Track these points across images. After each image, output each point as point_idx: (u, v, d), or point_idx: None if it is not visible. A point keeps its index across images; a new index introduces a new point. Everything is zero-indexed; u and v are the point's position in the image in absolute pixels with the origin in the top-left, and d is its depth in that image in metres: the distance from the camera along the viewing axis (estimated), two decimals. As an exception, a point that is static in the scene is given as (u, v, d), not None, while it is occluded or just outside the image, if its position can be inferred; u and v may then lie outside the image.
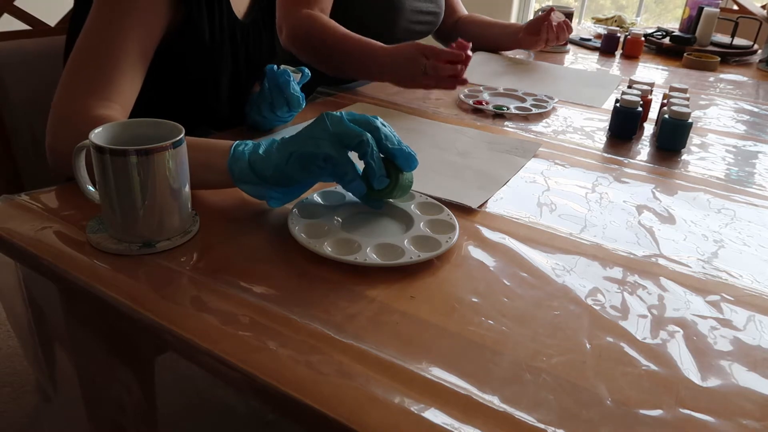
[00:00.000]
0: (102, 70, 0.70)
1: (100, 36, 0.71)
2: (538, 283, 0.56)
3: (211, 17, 0.82)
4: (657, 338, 0.50)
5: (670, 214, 0.72)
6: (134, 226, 0.56)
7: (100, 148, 0.53)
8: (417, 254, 0.57)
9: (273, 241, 0.60)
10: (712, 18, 1.66)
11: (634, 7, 2.93)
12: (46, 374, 0.76)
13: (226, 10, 0.84)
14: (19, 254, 0.57)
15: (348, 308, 0.51)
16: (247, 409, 1.12)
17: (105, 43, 0.71)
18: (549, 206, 0.72)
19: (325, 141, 0.58)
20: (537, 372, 0.45)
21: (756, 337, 0.51)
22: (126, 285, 0.52)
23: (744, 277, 0.60)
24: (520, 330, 0.50)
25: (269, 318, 0.49)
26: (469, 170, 0.80)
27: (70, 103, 0.68)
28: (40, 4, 1.22)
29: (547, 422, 0.40)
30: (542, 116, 1.06)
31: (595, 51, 1.67)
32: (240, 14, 0.88)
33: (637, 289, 0.56)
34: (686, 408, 0.43)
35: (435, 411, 0.41)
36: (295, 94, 0.81)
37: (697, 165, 0.89)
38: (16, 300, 0.74)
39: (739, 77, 1.49)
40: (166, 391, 0.75)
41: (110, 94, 0.69)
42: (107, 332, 0.63)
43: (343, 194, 0.67)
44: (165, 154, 0.54)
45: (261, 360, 0.44)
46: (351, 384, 0.42)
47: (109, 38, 0.71)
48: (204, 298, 0.51)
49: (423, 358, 0.45)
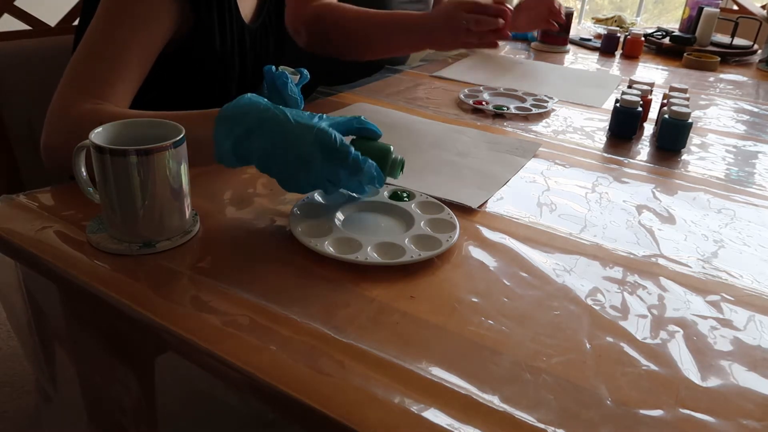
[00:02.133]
0: (99, 71, 0.70)
1: (102, 38, 0.71)
2: (538, 283, 0.56)
3: (221, 23, 0.82)
4: (657, 338, 0.50)
5: (670, 214, 0.72)
6: (134, 226, 0.56)
7: (100, 148, 0.53)
8: (417, 253, 0.57)
9: (273, 240, 0.60)
10: (712, 18, 1.66)
11: (634, 8, 2.93)
12: (46, 374, 0.76)
13: (235, 15, 0.84)
14: (19, 254, 0.57)
15: (348, 308, 0.51)
16: (247, 409, 1.12)
17: (105, 46, 0.71)
18: (549, 206, 0.72)
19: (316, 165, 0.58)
20: (537, 372, 0.45)
21: (756, 337, 0.51)
22: (126, 285, 0.52)
23: (744, 277, 0.60)
24: (520, 330, 0.50)
25: (269, 318, 0.49)
26: (469, 170, 0.80)
27: (63, 101, 0.69)
28: (40, 4, 1.22)
29: (546, 422, 0.40)
30: (542, 116, 1.06)
31: (595, 51, 1.67)
32: (247, 19, 0.89)
33: (637, 289, 0.56)
34: (686, 408, 0.43)
35: (435, 411, 0.41)
36: (293, 95, 0.81)
37: (697, 165, 0.89)
38: (16, 300, 0.74)
39: (739, 77, 1.49)
40: (166, 391, 0.75)
41: (104, 93, 0.70)
42: (107, 332, 0.62)
43: (344, 194, 0.68)
44: (165, 154, 0.54)
45: (261, 360, 0.44)
46: (351, 384, 0.42)
47: (109, 41, 0.71)
48: (204, 298, 0.51)
49: (423, 358, 0.45)
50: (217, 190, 0.70)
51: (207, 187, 0.70)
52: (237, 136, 0.59)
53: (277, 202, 0.68)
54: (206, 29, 0.79)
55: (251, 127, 0.58)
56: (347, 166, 0.59)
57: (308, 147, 0.58)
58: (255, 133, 0.58)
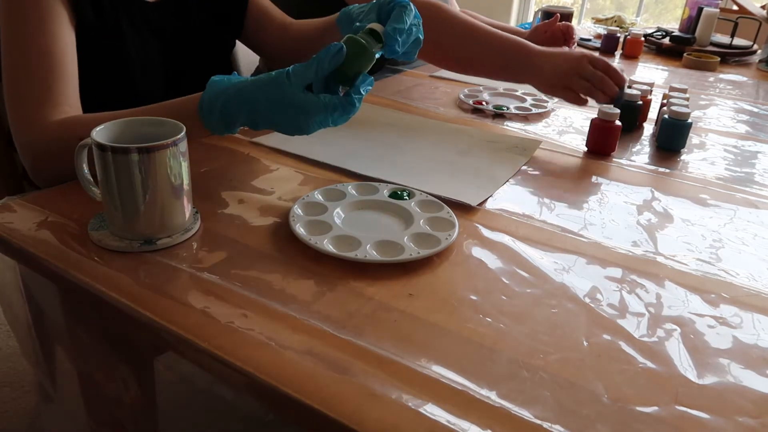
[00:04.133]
0: (39, 81, 0.71)
1: (20, 48, 0.72)
2: (537, 281, 0.57)
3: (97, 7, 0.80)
4: (654, 336, 0.50)
5: (669, 213, 0.73)
6: (135, 223, 0.57)
7: (101, 146, 0.54)
8: (417, 251, 0.57)
9: (273, 238, 0.60)
10: (711, 18, 1.66)
11: (634, 7, 2.93)
12: (46, 374, 0.76)
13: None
14: (19, 254, 0.58)
15: (347, 305, 0.51)
16: (246, 408, 1.12)
17: (28, 57, 0.71)
18: (548, 205, 0.72)
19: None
20: (534, 369, 0.45)
21: (753, 335, 0.51)
22: (126, 282, 0.52)
23: (742, 276, 0.60)
24: (518, 328, 0.50)
25: (269, 316, 0.49)
26: (468, 169, 0.80)
27: (25, 125, 0.71)
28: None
29: (543, 418, 0.41)
30: (542, 116, 1.07)
31: (595, 51, 1.67)
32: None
33: (635, 288, 0.57)
34: (683, 405, 0.43)
35: (433, 407, 0.41)
36: None
37: (697, 165, 0.89)
38: (16, 300, 0.74)
39: (739, 77, 1.49)
40: (166, 390, 0.76)
41: (57, 97, 0.71)
42: (107, 331, 0.63)
43: (344, 192, 0.68)
44: (166, 152, 0.55)
45: (260, 358, 0.44)
46: (350, 381, 0.43)
47: (28, 47, 0.71)
48: (204, 296, 0.51)
49: (422, 355, 0.46)
50: (218, 188, 0.70)
51: (208, 185, 0.71)
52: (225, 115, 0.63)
53: (278, 200, 0.68)
54: (85, 19, 0.78)
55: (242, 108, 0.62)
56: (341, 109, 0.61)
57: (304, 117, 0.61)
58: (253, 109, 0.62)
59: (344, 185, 0.70)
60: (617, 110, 0.88)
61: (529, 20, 1.83)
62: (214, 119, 0.63)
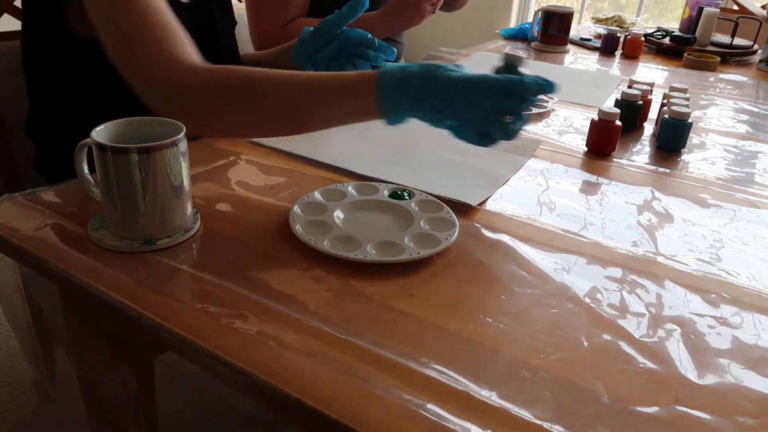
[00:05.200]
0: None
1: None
2: (537, 281, 0.57)
3: None
4: (655, 336, 0.50)
5: (670, 213, 0.72)
6: (135, 223, 0.57)
7: (101, 145, 0.54)
8: (417, 251, 0.57)
9: (274, 238, 0.60)
10: (712, 18, 1.66)
11: (634, 7, 2.93)
12: (46, 374, 0.76)
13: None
14: (19, 254, 0.58)
15: (347, 306, 0.51)
16: (246, 407, 1.12)
17: None
18: (548, 205, 0.72)
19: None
20: (534, 369, 0.45)
21: (754, 335, 0.51)
22: (126, 282, 0.52)
23: (742, 276, 0.60)
24: (519, 328, 0.50)
25: (269, 316, 0.49)
26: (468, 169, 0.80)
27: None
28: (41, 4, 1.22)
29: (543, 419, 0.40)
30: (542, 116, 1.06)
31: (595, 51, 1.67)
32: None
33: (635, 288, 0.57)
34: (683, 405, 0.43)
35: (433, 407, 0.41)
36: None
37: (698, 165, 0.89)
38: (16, 300, 0.74)
39: (739, 77, 1.49)
40: (166, 390, 0.76)
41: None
42: (107, 331, 0.63)
43: (344, 192, 0.68)
44: (166, 152, 0.55)
45: (261, 358, 0.44)
46: (350, 382, 0.43)
47: None
48: (204, 296, 0.51)
49: (422, 356, 0.46)
50: (218, 188, 0.70)
51: (208, 185, 0.71)
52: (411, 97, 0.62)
53: (278, 200, 0.68)
54: None
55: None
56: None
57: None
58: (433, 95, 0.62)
59: (344, 185, 0.70)
60: (617, 110, 0.88)
61: (529, 20, 1.83)
62: (407, 97, 0.62)
